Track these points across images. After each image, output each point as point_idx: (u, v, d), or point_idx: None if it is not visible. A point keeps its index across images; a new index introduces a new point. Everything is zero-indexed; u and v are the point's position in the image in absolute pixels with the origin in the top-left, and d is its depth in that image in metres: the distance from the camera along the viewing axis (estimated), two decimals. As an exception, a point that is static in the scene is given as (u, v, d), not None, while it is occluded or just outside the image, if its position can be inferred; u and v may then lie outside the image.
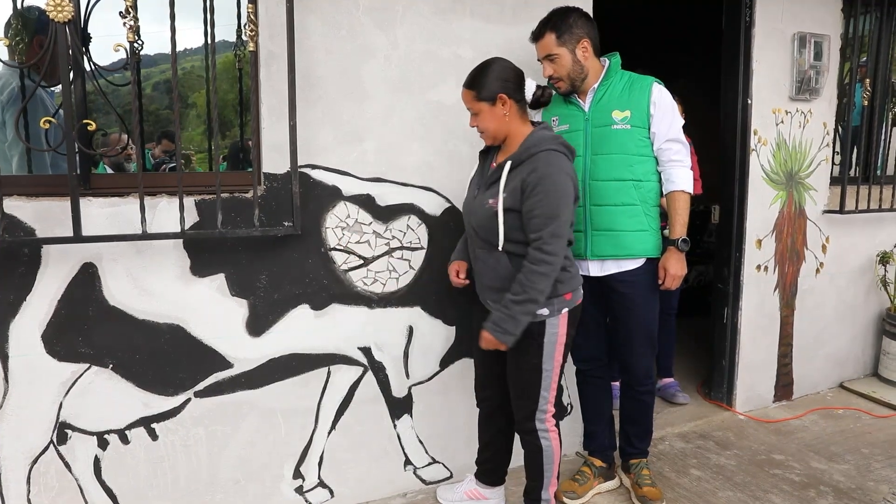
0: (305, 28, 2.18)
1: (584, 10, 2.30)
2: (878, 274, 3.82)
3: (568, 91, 2.32)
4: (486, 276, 2.09)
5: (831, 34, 3.35)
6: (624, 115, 2.28)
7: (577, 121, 2.34)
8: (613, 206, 2.28)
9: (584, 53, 2.26)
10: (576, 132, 2.33)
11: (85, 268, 2.01)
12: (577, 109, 2.35)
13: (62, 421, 2.06)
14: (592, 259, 2.34)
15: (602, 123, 2.29)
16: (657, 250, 2.36)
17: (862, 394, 3.67)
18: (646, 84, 2.30)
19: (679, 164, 2.30)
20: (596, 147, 2.30)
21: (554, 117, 2.41)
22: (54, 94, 2.40)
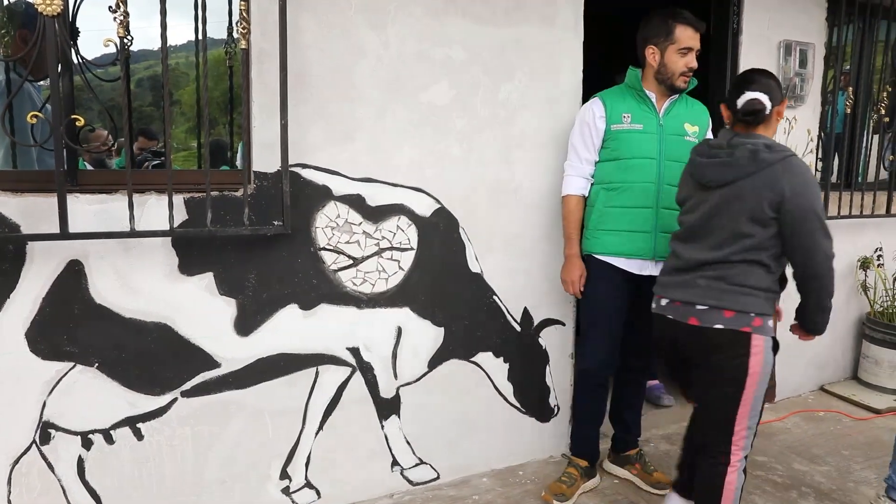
0: (298, 27, 2.17)
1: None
2: (859, 279, 3.88)
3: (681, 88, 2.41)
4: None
5: (816, 42, 3.41)
6: (694, 130, 2.44)
7: (650, 123, 2.40)
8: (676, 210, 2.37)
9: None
10: (650, 134, 2.40)
11: (71, 265, 1.99)
12: (650, 112, 2.42)
13: (45, 420, 2.02)
14: (657, 259, 2.41)
15: (676, 132, 2.41)
16: None
17: (842, 397, 3.72)
18: (703, 108, 2.53)
19: None
20: (670, 153, 2.39)
21: (626, 114, 2.42)
22: (41, 89, 2.36)
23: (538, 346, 2.79)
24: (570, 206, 2.50)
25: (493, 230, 2.62)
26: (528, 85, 2.61)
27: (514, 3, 2.54)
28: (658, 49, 2.38)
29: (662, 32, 2.36)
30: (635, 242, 2.41)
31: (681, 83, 2.38)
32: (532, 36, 2.59)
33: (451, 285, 2.56)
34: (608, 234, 2.44)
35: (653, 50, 2.39)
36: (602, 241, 2.45)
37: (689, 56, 2.36)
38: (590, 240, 2.49)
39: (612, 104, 2.44)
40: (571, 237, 2.50)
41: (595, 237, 2.47)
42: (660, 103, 2.43)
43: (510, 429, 2.78)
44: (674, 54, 2.35)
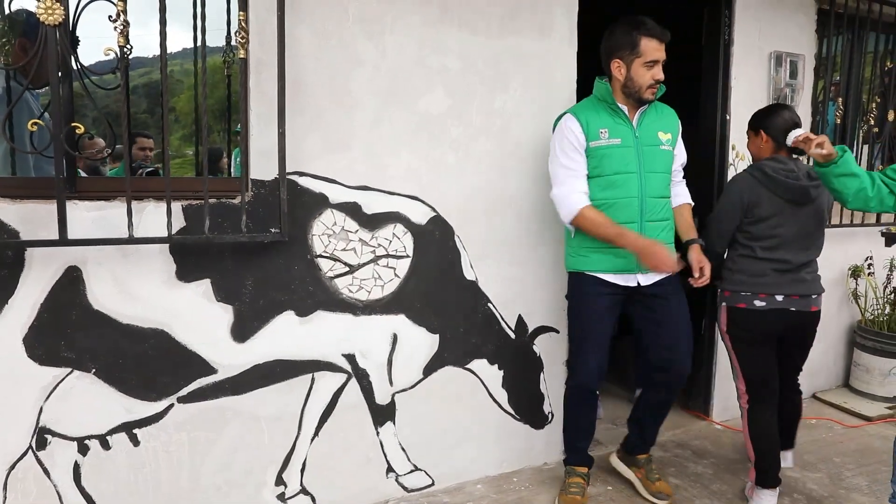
0: (295, 37, 2.20)
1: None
2: (850, 287, 3.92)
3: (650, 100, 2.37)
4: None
5: (806, 54, 3.46)
6: (667, 137, 2.41)
7: (627, 137, 2.35)
8: (660, 222, 2.40)
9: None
10: (627, 148, 2.34)
11: (69, 271, 2.00)
12: (625, 125, 2.37)
13: (42, 426, 2.03)
14: (644, 273, 2.40)
15: (651, 143, 2.37)
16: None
17: (834, 404, 3.75)
18: (671, 112, 2.48)
19: (683, 182, 2.58)
20: (648, 165, 2.36)
21: (602, 129, 2.35)
22: (39, 97, 2.38)
23: (532, 353, 2.81)
24: (593, 215, 2.33)
25: (487, 238, 2.64)
26: (522, 94, 2.64)
27: (508, 14, 2.58)
28: (623, 62, 2.31)
29: (627, 45, 2.29)
30: (623, 258, 2.36)
31: (648, 95, 2.33)
32: (527, 46, 2.63)
33: (447, 293, 2.59)
34: (595, 251, 2.40)
35: (618, 63, 2.32)
36: (589, 259, 2.42)
37: (655, 68, 2.30)
38: (575, 257, 2.47)
39: (588, 120, 2.36)
40: (622, 232, 2.31)
41: (582, 255, 2.44)
42: (631, 114, 2.38)
43: (504, 436, 2.80)
44: (640, 67, 2.29)
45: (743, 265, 2.54)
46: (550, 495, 2.66)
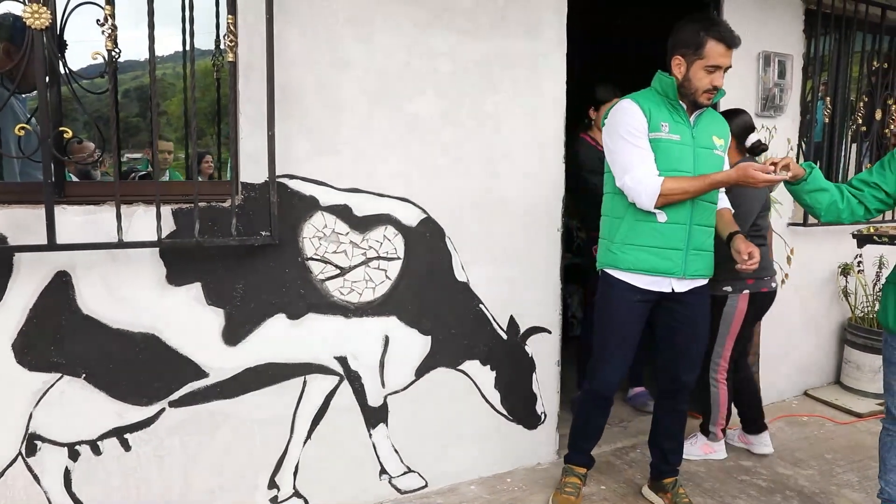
0: (284, 40, 2.20)
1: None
2: (840, 285, 3.94)
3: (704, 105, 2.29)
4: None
5: (794, 54, 3.48)
6: (721, 143, 2.34)
7: (685, 135, 2.27)
8: (708, 227, 2.34)
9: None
10: (685, 146, 2.26)
11: (58, 276, 1.99)
12: (684, 123, 2.28)
13: (32, 432, 2.02)
14: (688, 278, 2.31)
15: (706, 145, 2.29)
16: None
17: (825, 401, 3.78)
18: (724, 120, 2.43)
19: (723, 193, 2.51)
20: (702, 167, 2.26)
21: (664, 122, 2.25)
22: (26, 101, 2.37)
23: (525, 353, 2.82)
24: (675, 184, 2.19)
25: (479, 239, 2.65)
26: (513, 96, 2.65)
27: (498, 16, 2.58)
28: (685, 61, 2.22)
29: (692, 44, 2.18)
30: (667, 259, 2.27)
31: (704, 100, 2.24)
32: (517, 49, 2.63)
33: (438, 294, 2.59)
34: (639, 249, 2.27)
35: (679, 61, 2.23)
36: (631, 257, 2.28)
37: (716, 74, 2.19)
38: (616, 254, 2.32)
39: (650, 109, 2.25)
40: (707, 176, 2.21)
41: (623, 252, 2.30)
42: (690, 113, 2.30)
43: (497, 436, 2.80)
44: (700, 70, 2.19)
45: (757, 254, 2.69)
46: (544, 495, 2.67)
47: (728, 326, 2.87)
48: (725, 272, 2.67)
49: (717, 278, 2.69)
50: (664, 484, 2.58)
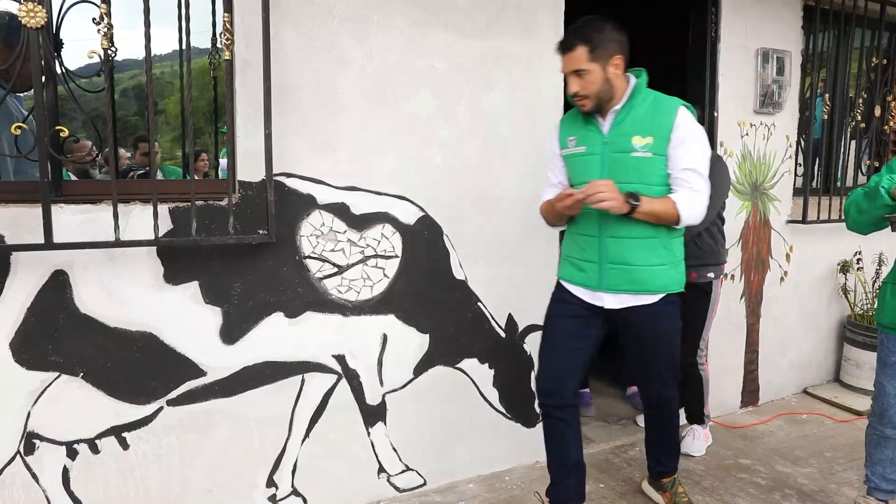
0: (281, 38, 2.20)
1: (616, 22, 2.08)
2: (839, 282, 3.94)
3: (592, 111, 2.10)
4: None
5: (792, 50, 3.48)
6: (646, 142, 2.06)
7: (594, 143, 2.13)
8: (629, 239, 2.11)
9: (615, 71, 2.05)
10: (592, 156, 2.13)
11: (56, 275, 1.99)
12: (595, 131, 2.14)
13: (30, 431, 2.02)
14: (607, 292, 2.17)
15: (621, 149, 2.09)
16: (678, 284, 2.19)
17: (825, 399, 3.77)
18: (672, 107, 2.07)
19: (690, 188, 2.08)
20: (613, 175, 2.08)
21: (571, 137, 2.19)
22: (23, 100, 2.37)
23: (523, 351, 2.82)
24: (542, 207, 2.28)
25: (476, 237, 2.65)
26: (509, 95, 2.64)
27: (494, 15, 2.58)
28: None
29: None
30: (583, 271, 2.20)
31: (580, 108, 2.12)
32: (513, 47, 2.63)
33: (436, 292, 2.59)
34: (565, 260, 2.30)
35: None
36: (562, 267, 2.32)
37: (569, 81, 2.08)
38: (559, 263, 2.37)
39: (563, 127, 2.24)
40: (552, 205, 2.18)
41: (561, 261, 2.35)
42: (605, 118, 2.13)
43: (496, 434, 2.80)
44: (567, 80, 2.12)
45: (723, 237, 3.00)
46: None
47: (713, 311, 2.99)
48: (707, 258, 2.90)
49: (703, 264, 2.91)
50: (663, 483, 2.57)
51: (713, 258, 2.92)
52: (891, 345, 2.30)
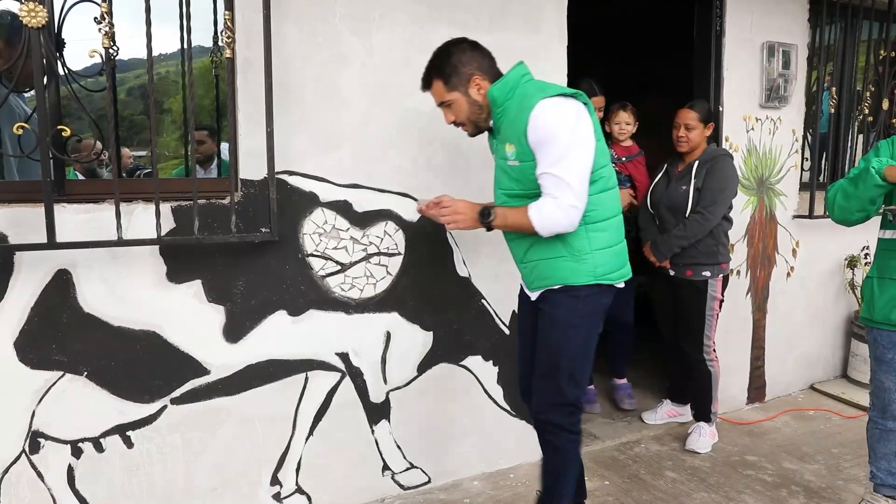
0: (282, 35, 2.19)
1: (468, 41, 2.00)
2: (847, 277, 3.91)
3: (475, 133, 2.08)
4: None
5: (799, 44, 3.44)
6: (512, 150, 1.94)
7: (496, 154, 2.08)
8: (519, 240, 2.06)
9: (479, 92, 1.96)
10: (496, 165, 2.10)
11: (59, 275, 2.00)
12: (495, 142, 2.07)
13: (35, 430, 2.03)
14: (529, 287, 2.13)
15: (501, 157, 2.01)
16: (576, 277, 1.98)
17: (832, 395, 3.75)
18: (527, 106, 1.87)
19: (549, 196, 1.88)
20: (499, 184, 2.07)
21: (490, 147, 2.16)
22: (27, 100, 2.38)
23: (527, 348, 2.81)
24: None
25: (479, 234, 2.61)
26: (513, 90, 2.63)
27: (498, 11, 2.57)
28: None
29: None
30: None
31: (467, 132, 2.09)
32: (517, 42, 2.61)
33: (440, 290, 2.58)
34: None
35: None
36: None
37: (444, 112, 2.04)
38: None
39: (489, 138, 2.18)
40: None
41: None
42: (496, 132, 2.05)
43: (500, 432, 2.79)
44: None
45: (727, 239, 3.03)
46: (547, 491, 2.66)
47: (712, 308, 2.99)
48: (703, 257, 2.95)
49: (698, 262, 2.96)
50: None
51: (711, 258, 2.95)
52: (884, 341, 2.28)
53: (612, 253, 2.02)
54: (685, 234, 2.92)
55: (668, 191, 3.02)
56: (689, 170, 2.96)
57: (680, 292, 3.06)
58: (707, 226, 2.89)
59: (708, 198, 2.88)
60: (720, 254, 2.97)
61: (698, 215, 2.89)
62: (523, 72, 1.99)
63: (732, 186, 2.94)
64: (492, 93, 1.95)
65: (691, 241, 2.92)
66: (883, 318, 2.26)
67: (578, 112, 1.89)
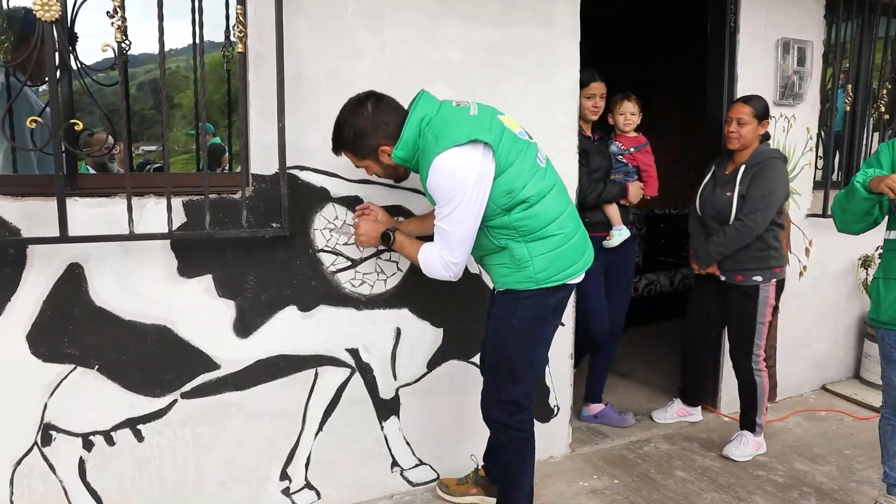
0: (294, 30, 2.18)
1: (372, 100, 1.97)
2: (860, 277, 3.87)
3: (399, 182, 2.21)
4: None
5: (814, 40, 3.41)
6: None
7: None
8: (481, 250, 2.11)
9: (388, 157, 1.99)
10: None
11: (71, 268, 2.00)
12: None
13: (46, 422, 2.04)
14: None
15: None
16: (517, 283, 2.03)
17: (844, 396, 3.72)
18: (426, 164, 1.91)
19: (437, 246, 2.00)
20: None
21: None
22: (40, 93, 2.38)
23: (537, 346, 2.79)
24: None
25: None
26: (525, 86, 2.61)
27: (510, 4, 2.55)
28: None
29: None
30: None
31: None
32: (529, 37, 2.60)
33: (450, 287, 2.54)
34: None
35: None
36: None
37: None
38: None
39: None
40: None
41: None
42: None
43: (510, 429, 2.78)
44: None
45: (780, 242, 2.92)
46: (556, 489, 2.65)
47: (764, 315, 2.90)
48: (753, 262, 2.84)
49: (748, 268, 2.86)
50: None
51: (761, 262, 2.85)
52: (891, 340, 2.28)
53: (554, 256, 2.02)
54: (724, 241, 2.84)
55: (713, 196, 2.93)
56: (734, 174, 2.87)
57: (730, 298, 2.96)
58: (748, 233, 2.79)
59: (750, 205, 2.79)
60: (772, 258, 2.86)
61: (738, 223, 2.81)
62: (422, 113, 1.95)
63: (780, 192, 2.82)
64: (397, 156, 1.97)
65: (732, 250, 2.83)
66: (889, 319, 2.24)
67: (470, 163, 1.87)
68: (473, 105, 2.02)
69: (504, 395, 2.12)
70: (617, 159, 3.12)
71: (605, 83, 3.00)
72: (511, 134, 1.98)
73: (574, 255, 2.07)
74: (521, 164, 1.96)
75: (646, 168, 3.16)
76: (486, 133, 1.90)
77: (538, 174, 2.00)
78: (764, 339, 2.93)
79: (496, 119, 1.99)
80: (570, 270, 2.07)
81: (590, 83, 2.92)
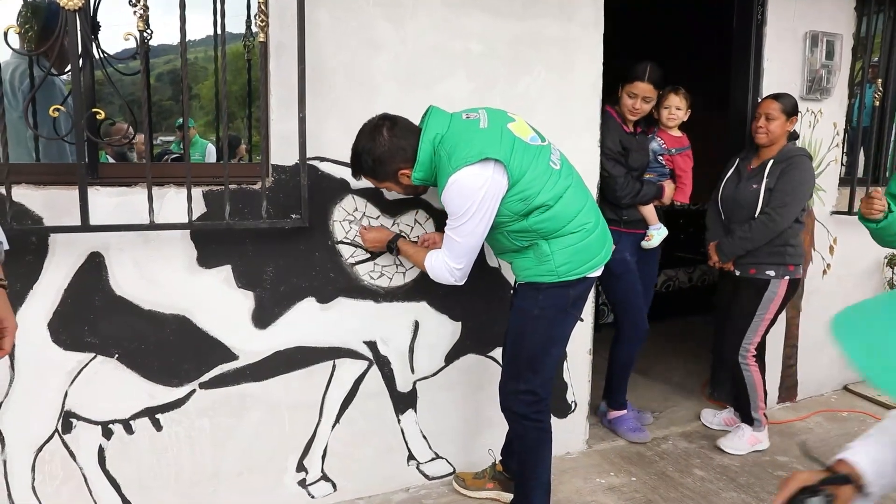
0: (315, 20, 2.17)
1: (386, 124, 2.01)
2: (886, 276, 3.80)
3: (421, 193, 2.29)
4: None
5: (844, 33, 3.33)
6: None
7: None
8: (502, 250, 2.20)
9: (407, 179, 2.05)
10: None
11: (92, 257, 2.01)
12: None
13: (67, 410, 2.06)
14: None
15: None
16: (539, 276, 2.08)
17: (866, 397, 3.65)
18: (442, 183, 1.98)
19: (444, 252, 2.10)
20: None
21: None
22: (64, 82, 2.39)
23: (556, 341, 2.77)
24: None
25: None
26: (546, 79, 2.58)
27: (533, -5, 2.51)
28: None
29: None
30: None
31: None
32: (551, 30, 2.56)
33: (469, 280, 2.54)
34: None
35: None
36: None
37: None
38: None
39: None
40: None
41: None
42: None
43: (527, 424, 2.76)
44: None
45: (799, 240, 2.89)
46: (573, 485, 2.63)
47: (766, 310, 2.87)
48: (768, 256, 2.82)
49: (762, 262, 2.83)
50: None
51: (776, 257, 2.82)
52: None
53: (575, 250, 2.05)
54: (750, 235, 2.80)
55: (738, 189, 2.90)
56: (762, 168, 2.84)
57: (739, 289, 2.95)
58: (774, 228, 2.76)
59: (778, 199, 2.76)
60: (787, 254, 2.83)
61: (765, 216, 2.77)
62: (434, 132, 1.99)
63: (807, 189, 2.83)
64: (417, 178, 2.03)
65: (757, 245, 2.80)
66: None
67: (480, 182, 1.92)
68: (483, 116, 2.03)
69: (522, 385, 2.15)
70: (656, 158, 2.99)
71: (655, 86, 2.77)
72: (522, 143, 2.00)
73: (595, 248, 2.09)
74: (535, 171, 1.98)
75: (681, 173, 3.03)
76: (497, 149, 1.93)
77: (552, 177, 2.01)
78: (758, 336, 2.91)
79: (506, 129, 2.00)
80: (591, 263, 2.10)
81: (634, 80, 2.76)
